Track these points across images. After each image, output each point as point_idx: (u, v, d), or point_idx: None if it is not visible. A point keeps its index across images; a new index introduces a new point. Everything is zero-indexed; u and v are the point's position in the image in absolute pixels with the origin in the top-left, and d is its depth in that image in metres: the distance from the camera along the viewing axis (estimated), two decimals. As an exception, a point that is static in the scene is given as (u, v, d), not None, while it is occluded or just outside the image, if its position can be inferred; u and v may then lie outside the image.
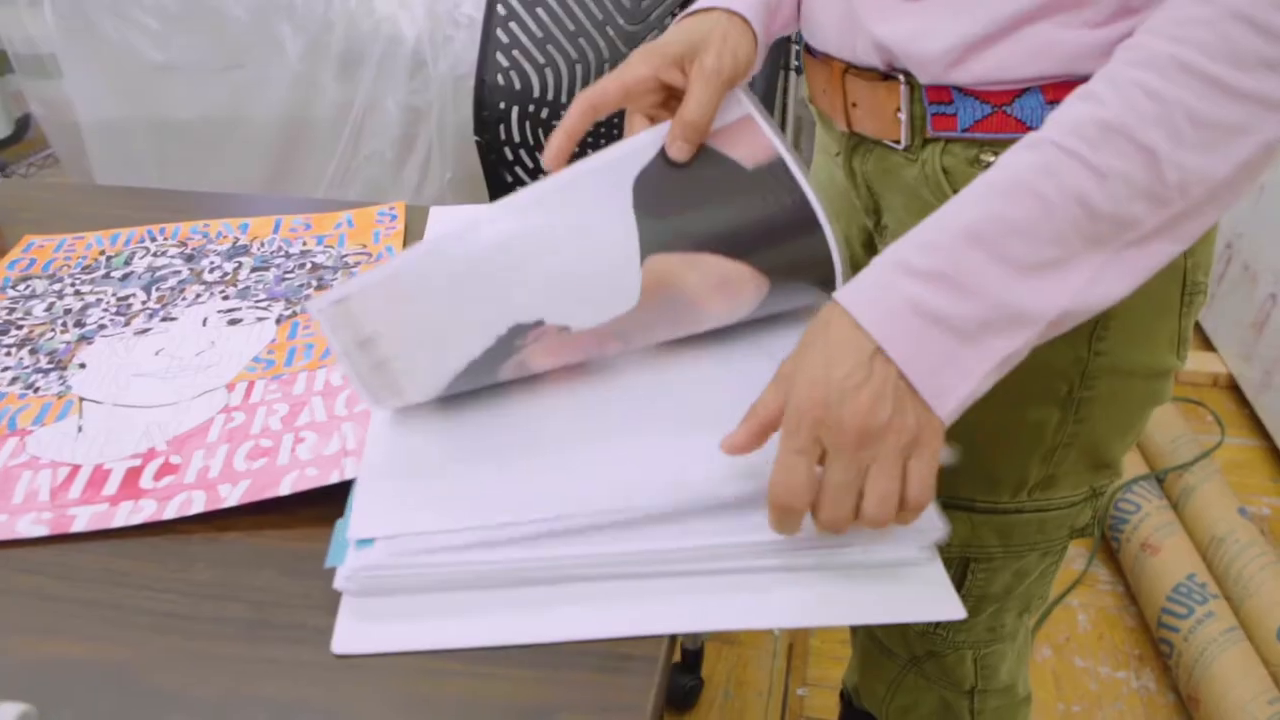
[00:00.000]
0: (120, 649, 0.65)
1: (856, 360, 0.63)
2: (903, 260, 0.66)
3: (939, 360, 0.65)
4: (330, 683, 0.63)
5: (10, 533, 0.75)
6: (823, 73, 0.91)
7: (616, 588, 0.68)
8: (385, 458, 0.77)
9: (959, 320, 0.65)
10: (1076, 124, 0.64)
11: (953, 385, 0.66)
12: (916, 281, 0.64)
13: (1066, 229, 0.64)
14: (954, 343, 0.65)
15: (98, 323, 1.02)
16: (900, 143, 0.86)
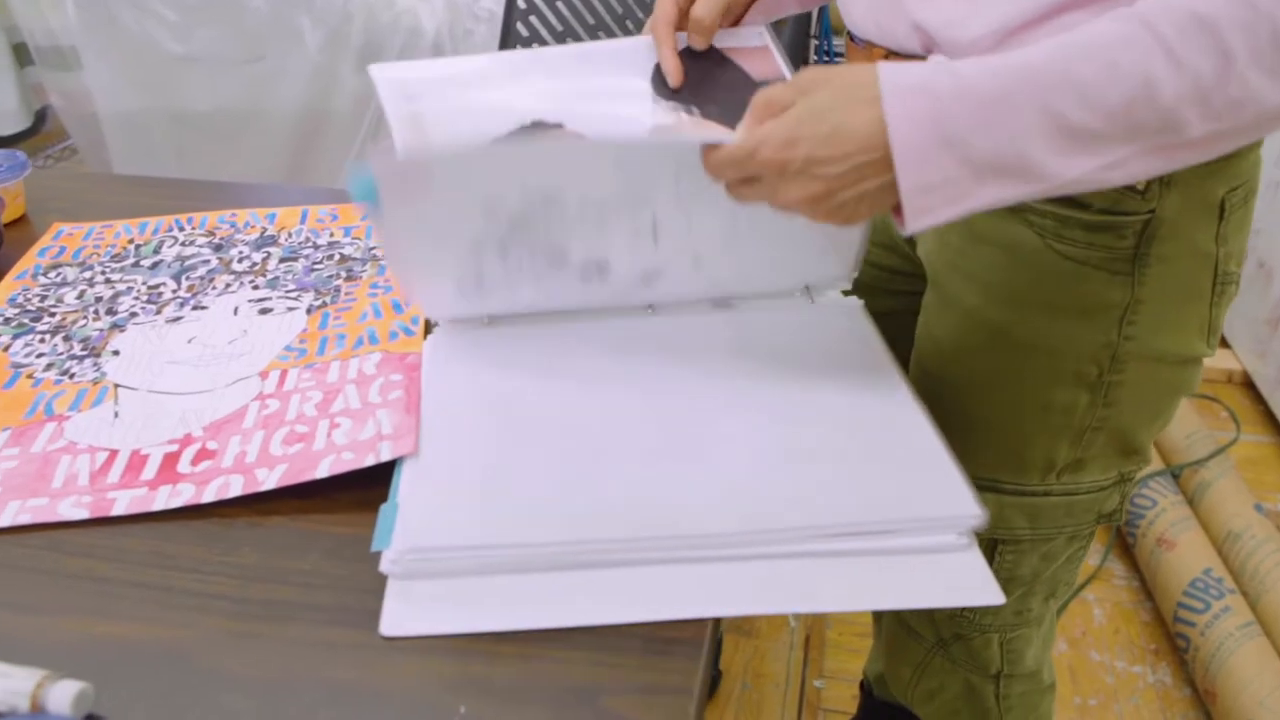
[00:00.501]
0: (172, 630, 0.66)
1: (854, 153, 0.67)
2: (956, 69, 0.66)
3: (937, 182, 0.66)
4: (380, 665, 0.63)
5: (52, 515, 0.76)
6: (865, 59, 0.92)
7: (661, 571, 0.69)
8: (435, 459, 0.78)
9: (977, 151, 0.65)
10: (1169, 8, 0.63)
11: (935, 209, 0.67)
12: (957, 97, 0.64)
13: (1120, 106, 0.64)
14: (961, 172, 0.66)
15: (129, 310, 1.03)
16: None
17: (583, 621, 0.66)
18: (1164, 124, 0.64)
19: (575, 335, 0.92)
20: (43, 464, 0.81)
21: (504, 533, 0.69)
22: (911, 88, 0.66)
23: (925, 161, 0.66)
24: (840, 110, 0.67)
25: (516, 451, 0.78)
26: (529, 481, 0.75)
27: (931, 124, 0.66)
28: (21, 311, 1.04)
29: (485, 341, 0.92)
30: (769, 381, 0.85)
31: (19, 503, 0.77)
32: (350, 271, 1.09)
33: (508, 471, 0.76)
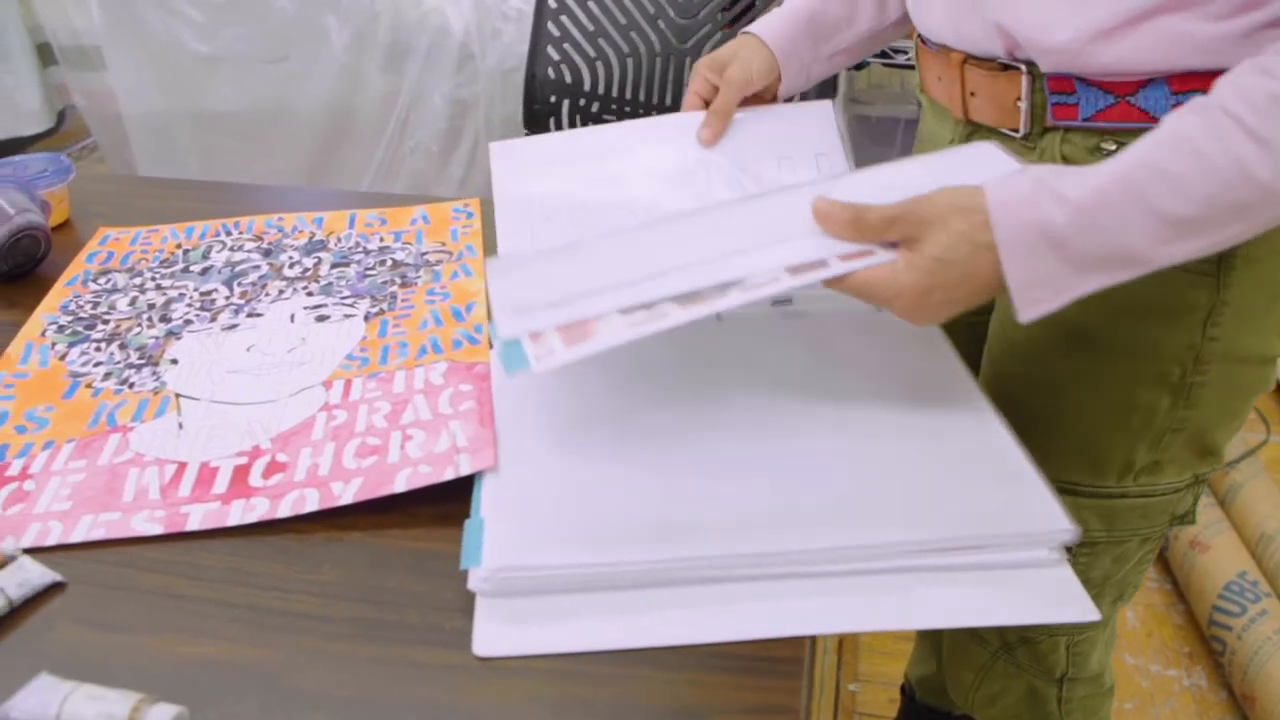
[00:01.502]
0: (259, 650, 0.65)
1: (979, 288, 0.72)
2: (1054, 186, 0.70)
3: (1043, 278, 0.70)
4: (475, 686, 0.62)
5: (125, 530, 0.75)
6: (939, 63, 0.92)
7: (755, 588, 0.68)
8: (515, 472, 0.77)
9: (1079, 252, 0.69)
10: (1245, 92, 0.66)
11: (1043, 300, 0.71)
12: (1057, 205, 0.68)
13: (1219, 192, 0.67)
14: (1064, 268, 0.70)
15: (183, 318, 1.02)
16: (1019, 131, 0.87)
17: (683, 640, 0.65)
18: (1267, 197, 0.67)
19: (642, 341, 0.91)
20: (111, 477, 0.80)
21: (596, 550, 0.68)
22: (1025, 225, 0.70)
23: (1031, 261, 0.71)
24: (966, 260, 0.71)
25: (596, 464, 0.77)
26: (613, 495, 0.73)
27: (1039, 230, 0.70)
28: (75, 319, 1.02)
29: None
30: (842, 391, 0.84)
31: (91, 517, 0.76)
32: (405, 278, 1.07)
33: (590, 485, 0.75)
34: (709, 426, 0.81)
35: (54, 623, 0.67)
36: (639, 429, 0.81)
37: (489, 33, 2.08)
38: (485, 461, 0.77)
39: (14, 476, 0.80)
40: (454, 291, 1.04)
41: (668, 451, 0.78)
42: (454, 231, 1.17)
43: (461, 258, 1.11)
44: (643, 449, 0.78)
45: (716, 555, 0.68)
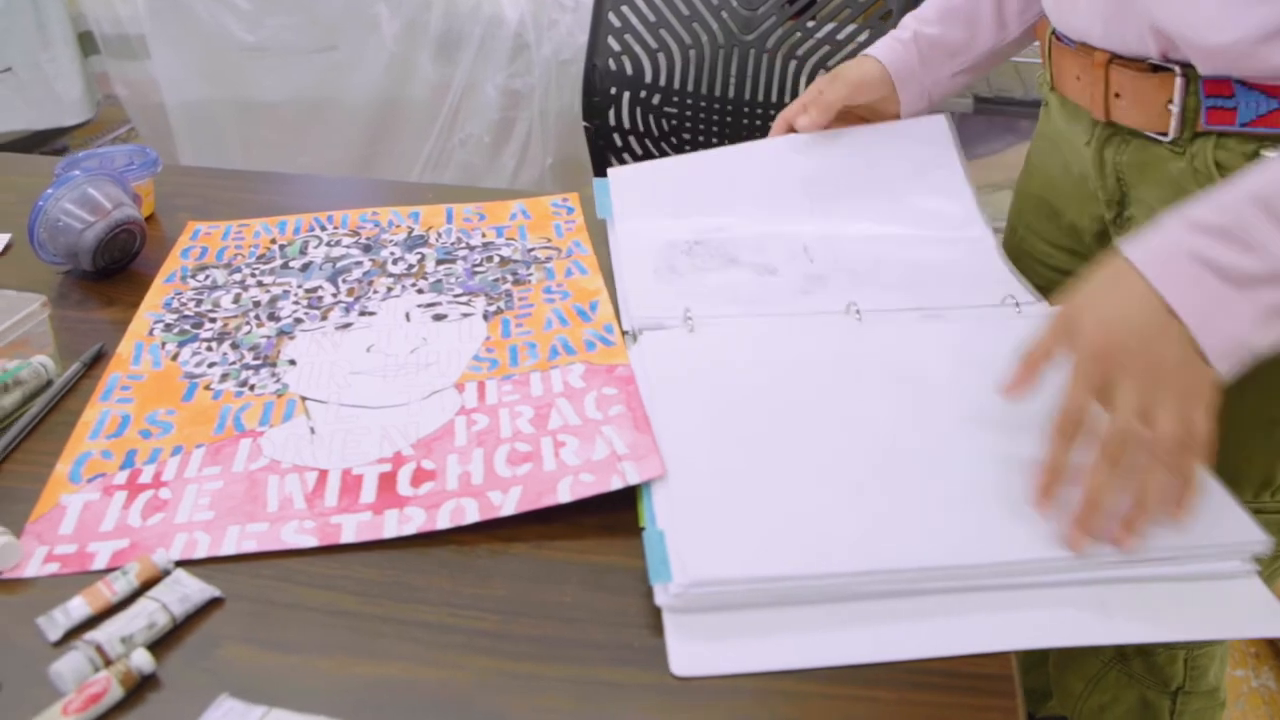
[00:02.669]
0: (442, 671, 0.61)
1: (1144, 308, 0.67)
2: (1191, 218, 0.68)
3: (1210, 303, 0.66)
4: (679, 708, 0.59)
5: (276, 543, 0.71)
6: (1078, 62, 0.89)
7: (949, 603, 0.65)
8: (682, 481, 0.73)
9: (1235, 271, 0.66)
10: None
11: (1223, 329, 0.67)
12: (1201, 236, 0.67)
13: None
14: (1227, 288, 0.66)
15: (292, 316, 0.98)
16: (1167, 135, 0.83)
17: (887, 657, 0.62)
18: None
19: (781, 342, 0.88)
20: (250, 485, 0.76)
21: (793, 564, 0.65)
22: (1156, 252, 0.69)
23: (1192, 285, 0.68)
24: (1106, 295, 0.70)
25: (759, 471, 0.74)
26: (790, 504, 0.70)
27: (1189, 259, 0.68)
28: (180, 317, 0.99)
29: (692, 349, 0.87)
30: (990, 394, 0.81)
31: (238, 528, 0.72)
32: (516, 275, 1.04)
33: (760, 493, 0.71)
34: (864, 429, 0.78)
35: (219, 641, 0.64)
36: (793, 432, 0.78)
37: (545, 23, 2.04)
38: (653, 470, 0.73)
39: (148, 484, 0.77)
40: (572, 290, 1.00)
41: (828, 457, 0.75)
42: (557, 227, 1.14)
43: (571, 254, 1.07)
44: (803, 456, 0.75)
45: (915, 568, 0.65)
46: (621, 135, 1.91)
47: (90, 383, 0.90)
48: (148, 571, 0.67)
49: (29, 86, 2.32)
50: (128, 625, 0.62)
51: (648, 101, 1.90)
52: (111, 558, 0.70)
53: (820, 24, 1.82)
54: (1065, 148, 0.97)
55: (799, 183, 1.08)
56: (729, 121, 1.89)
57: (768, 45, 1.84)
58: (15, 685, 0.61)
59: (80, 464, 0.79)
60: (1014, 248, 1.10)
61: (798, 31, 1.84)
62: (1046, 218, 1.05)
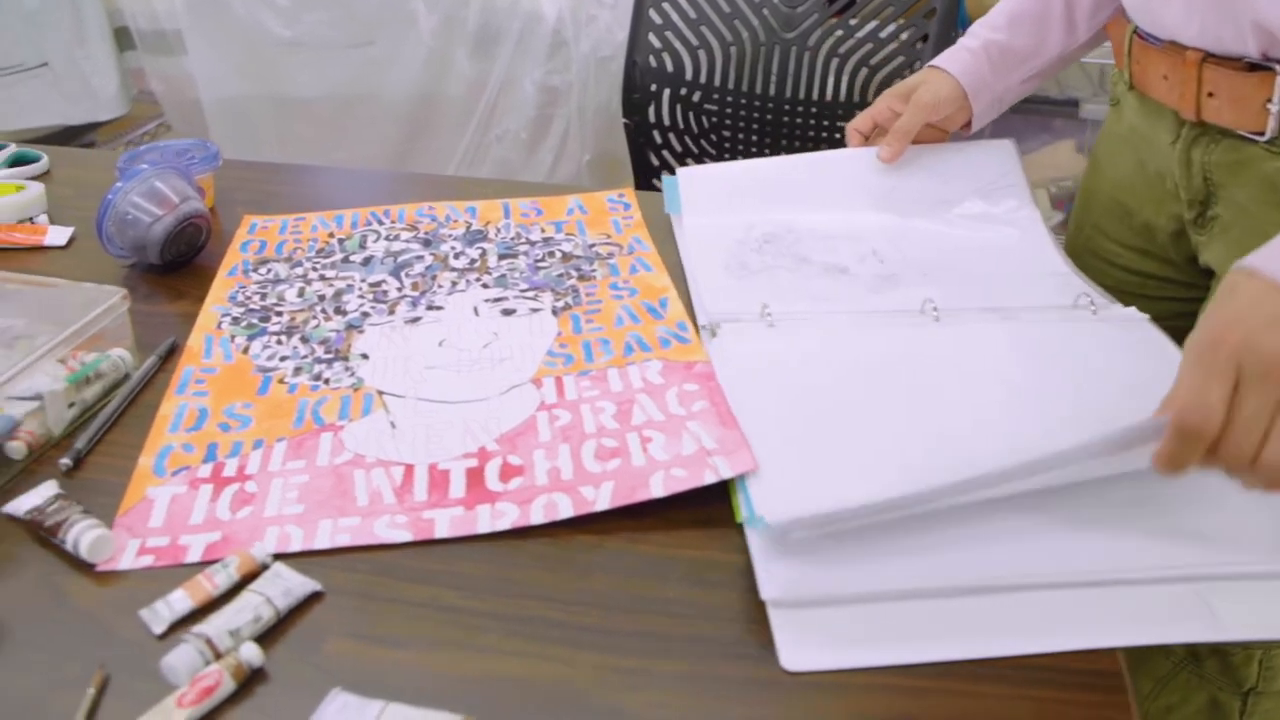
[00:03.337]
0: (554, 666, 0.61)
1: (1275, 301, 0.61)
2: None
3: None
4: (795, 703, 0.59)
5: (369, 537, 0.71)
6: (1166, 61, 0.88)
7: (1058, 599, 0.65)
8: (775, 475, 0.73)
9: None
10: None
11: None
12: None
13: None
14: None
15: (359, 310, 0.98)
16: (1264, 134, 0.83)
17: (995, 653, 0.61)
18: None
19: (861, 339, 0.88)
20: (337, 479, 0.76)
21: (901, 563, 0.65)
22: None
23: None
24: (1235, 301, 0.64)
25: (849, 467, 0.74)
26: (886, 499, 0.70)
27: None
28: (246, 310, 0.99)
29: (772, 344, 0.87)
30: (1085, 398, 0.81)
31: (330, 522, 0.72)
32: (580, 271, 1.04)
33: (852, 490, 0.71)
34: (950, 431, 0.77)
35: (324, 635, 0.64)
36: (880, 432, 0.77)
37: (583, 19, 2.04)
38: (745, 464, 0.73)
39: (232, 477, 0.77)
40: (639, 287, 1.00)
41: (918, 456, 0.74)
42: (615, 223, 1.14)
43: (633, 251, 1.07)
44: (896, 453, 0.75)
45: (1028, 566, 0.64)
46: (661, 132, 1.91)
47: (164, 376, 0.90)
48: (247, 565, 0.67)
49: (65, 81, 2.32)
50: (234, 619, 0.62)
51: (688, 98, 1.90)
52: (205, 550, 0.70)
53: (862, 22, 1.82)
54: (1142, 147, 0.97)
55: (867, 196, 1.10)
56: (769, 119, 1.89)
57: (809, 43, 1.83)
58: (123, 677, 0.61)
59: (163, 457, 0.79)
60: (1080, 247, 1.10)
61: (839, 29, 1.84)
62: (1117, 218, 1.04)
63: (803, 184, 1.11)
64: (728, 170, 1.16)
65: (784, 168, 1.14)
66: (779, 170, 1.14)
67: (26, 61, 2.28)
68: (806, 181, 1.11)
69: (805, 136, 1.85)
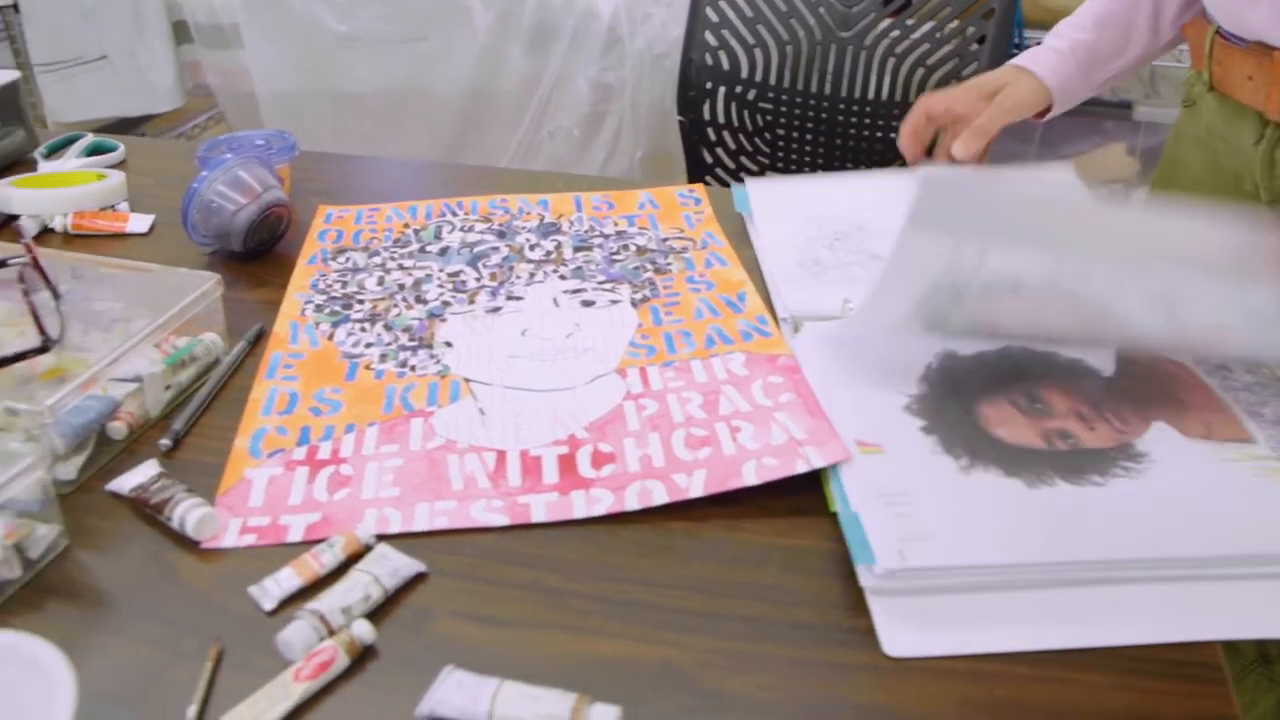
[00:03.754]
0: (659, 648, 0.62)
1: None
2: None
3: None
4: (899, 688, 0.60)
5: (467, 520, 0.72)
6: (1251, 61, 0.88)
7: (1157, 592, 0.65)
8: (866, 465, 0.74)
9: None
10: None
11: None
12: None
13: None
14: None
15: (439, 299, 0.99)
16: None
17: (1098, 643, 0.62)
18: None
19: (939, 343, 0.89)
20: (430, 463, 0.77)
21: (998, 551, 0.66)
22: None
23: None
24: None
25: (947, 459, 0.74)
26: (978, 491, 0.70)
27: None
28: (329, 298, 1.00)
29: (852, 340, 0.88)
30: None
31: (427, 505, 0.73)
32: (656, 264, 1.05)
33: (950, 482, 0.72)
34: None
35: (430, 614, 0.65)
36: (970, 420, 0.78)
37: (639, 16, 2.05)
38: (837, 454, 0.74)
39: (327, 460, 0.78)
40: (716, 281, 1.01)
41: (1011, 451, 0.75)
42: (686, 218, 1.15)
43: (706, 245, 1.08)
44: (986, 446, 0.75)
45: (1118, 560, 0.65)
46: (715, 130, 1.92)
47: (251, 361, 0.91)
48: (352, 545, 0.68)
49: (123, 74, 2.35)
50: (345, 597, 0.63)
51: (743, 97, 1.91)
52: (305, 531, 0.71)
53: (919, 22, 1.82)
54: (1220, 148, 0.97)
55: None
56: (824, 118, 1.89)
57: (865, 42, 1.84)
58: (237, 652, 0.62)
59: (258, 439, 0.80)
60: None
61: (895, 29, 1.84)
62: None
63: (867, 194, 1.13)
64: (795, 181, 1.20)
65: (849, 182, 1.17)
66: (844, 185, 1.17)
67: (86, 55, 2.31)
68: (871, 193, 1.13)
69: (859, 136, 1.85)
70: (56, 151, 1.29)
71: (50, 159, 1.28)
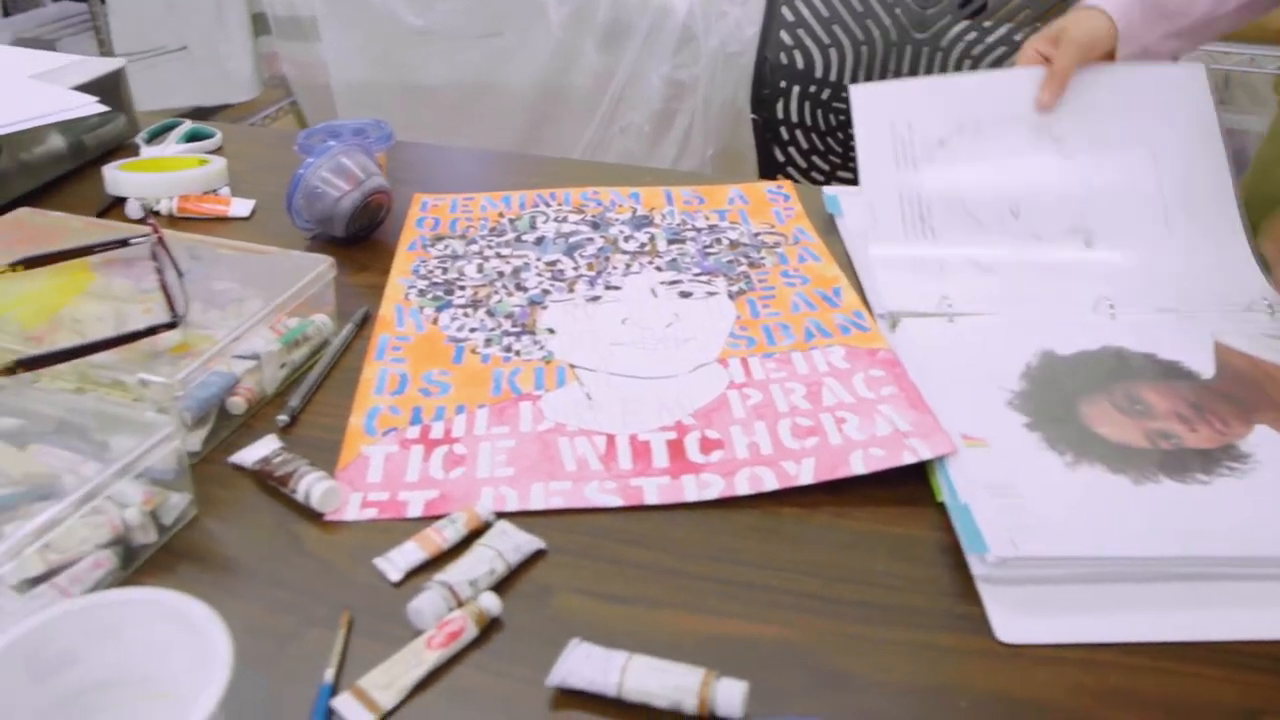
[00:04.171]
0: (780, 629, 0.64)
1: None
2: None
3: None
4: (1014, 673, 0.61)
5: (581, 500, 0.74)
6: None
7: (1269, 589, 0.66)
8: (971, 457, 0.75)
9: None
10: None
11: None
12: None
13: None
14: None
15: (539, 287, 1.01)
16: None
17: (1210, 636, 0.63)
18: None
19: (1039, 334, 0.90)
20: (542, 445, 0.79)
21: (1108, 543, 0.67)
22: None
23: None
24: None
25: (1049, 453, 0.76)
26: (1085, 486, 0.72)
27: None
28: (430, 284, 1.02)
29: (953, 338, 0.90)
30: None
31: (542, 485, 0.75)
32: (749, 258, 1.06)
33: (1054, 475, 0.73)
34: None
35: (551, 590, 0.67)
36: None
37: (714, 14, 2.06)
38: (943, 447, 0.75)
39: (440, 439, 0.80)
40: (810, 275, 1.02)
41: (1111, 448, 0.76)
42: (776, 213, 1.16)
43: (798, 241, 1.10)
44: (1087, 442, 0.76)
45: (1235, 557, 0.66)
46: (789, 129, 1.93)
47: (358, 342, 0.93)
48: (473, 521, 0.70)
49: (202, 65, 2.40)
50: (472, 570, 0.65)
51: (816, 96, 1.92)
52: (424, 507, 0.74)
53: (997, 24, 1.82)
54: None
55: (1041, 122, 1.06)
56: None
57: (941, 44, 1.84)
58: (363, 619, 0.65)
59: (372, 417, 0.83)
60: None
61: (972, 31, 1.84)
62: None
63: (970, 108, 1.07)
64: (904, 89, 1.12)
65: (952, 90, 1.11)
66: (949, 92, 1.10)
67: (167, 45, 2.36)
68: (974, 105, 1.07)
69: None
70: (156, 137, 1.32)
71: (150, 145, 1.31)
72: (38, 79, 1.22)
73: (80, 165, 1.29)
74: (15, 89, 1.20)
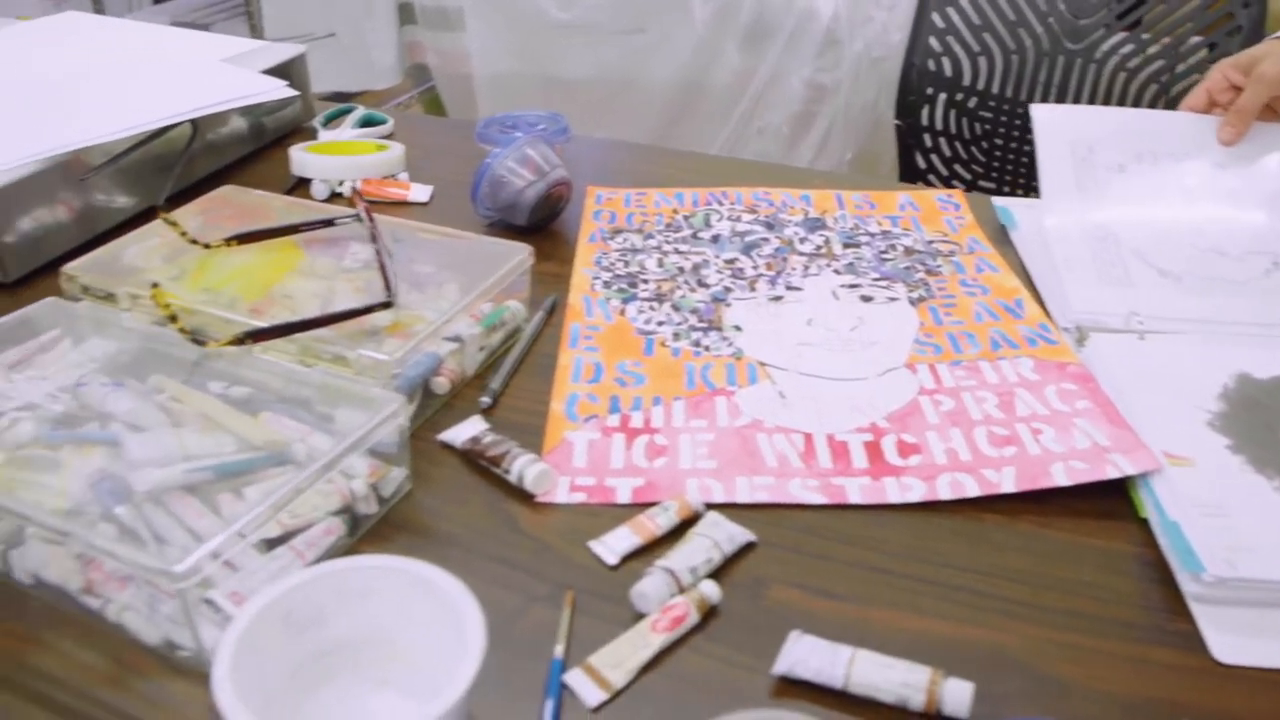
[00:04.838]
0: (990, 632, 0.65)
1: None
2: None
3: None
4: (1230, 694, 0.61)
5: (785, 496, 0.76)
6: None
7: None
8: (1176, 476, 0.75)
9: None
10: None
11: None
12: None
13: None
14: None
15: (721, 285, 1.03)
16: None
17: None
18: None
19: (1238, 358, 0.89)
20: (741, 440, 0.81)
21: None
22: None
23: None
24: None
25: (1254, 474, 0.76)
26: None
27: None
28: (614, 276, 1.05)
29: (1145, 356, 0.90)
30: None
31: (746, 479, 0.77)
32: (925, 265, 1.07)
33: (1264, 496, 0.73)
34: None
35: (765, 582, 0.68)
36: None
37: (860, 18, 2.07)
38: (1147, 463, 0.75)
39: (640, 429, 0.82)
40: (990, 286, 1.03)
41: None
42: (949, 223, 1.16)
43: (973, 250, 1.10)
44: None
45: None
46: (932, 136, 1.93)
47: (548, 330, 0.96)
48: (685, 511, 0.72)
49: (348, 52, 2.46)
50: (692, 558, 0.68)
51: (963, 104, 1.91)
52: (632, 494, 0.76)
53: (1155, 36, 1.79)
54: None
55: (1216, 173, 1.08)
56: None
57: (1095, 55, 1.82)
58: (585, 600, 0.67)
59: (572, 404, 0.85)
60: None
61: (1129, 43, 1.82)
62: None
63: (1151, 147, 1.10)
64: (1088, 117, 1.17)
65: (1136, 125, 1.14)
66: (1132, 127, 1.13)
67: (315, 32, 2.42)
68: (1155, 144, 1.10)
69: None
70: (332, 121, 1.37)
71: (326, 129, 1.35)
72: (229, 63, 1.27)
73: (259, 147, 1.34)
74: (209, 72, 1.25)
